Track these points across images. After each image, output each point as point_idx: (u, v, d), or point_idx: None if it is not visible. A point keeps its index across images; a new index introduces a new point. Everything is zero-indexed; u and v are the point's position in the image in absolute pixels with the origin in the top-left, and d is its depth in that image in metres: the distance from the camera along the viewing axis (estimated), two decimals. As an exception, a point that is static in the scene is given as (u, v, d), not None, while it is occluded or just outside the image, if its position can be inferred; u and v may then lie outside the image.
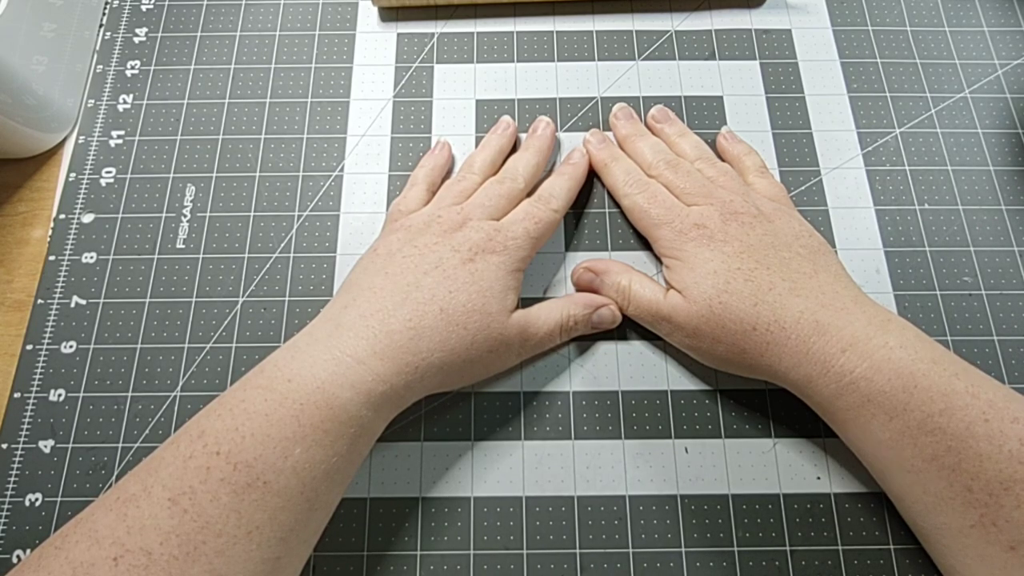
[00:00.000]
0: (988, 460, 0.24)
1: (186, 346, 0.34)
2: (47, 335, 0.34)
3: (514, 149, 0.37)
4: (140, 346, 0.34)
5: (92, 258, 0.35)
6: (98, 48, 0.40)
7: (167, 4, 0.41)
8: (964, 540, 0.25)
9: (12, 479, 0.31)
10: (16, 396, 0.33)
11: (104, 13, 0.41)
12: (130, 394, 0.33)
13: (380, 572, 0.30)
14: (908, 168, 0.37)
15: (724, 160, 0.36)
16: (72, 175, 0.37)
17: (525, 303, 0.34)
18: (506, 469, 0.31)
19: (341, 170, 0.37)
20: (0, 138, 0.35)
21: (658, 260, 0.35)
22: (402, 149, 0.38)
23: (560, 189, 0.34)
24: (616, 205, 0.36)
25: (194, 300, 0.34)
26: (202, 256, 0.35)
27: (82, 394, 0.33)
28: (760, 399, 0.33)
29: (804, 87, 0.39)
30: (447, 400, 0.33)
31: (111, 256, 0.35)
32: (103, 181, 0.37)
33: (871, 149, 0.38)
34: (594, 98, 0.39)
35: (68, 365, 0.33)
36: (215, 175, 0.37)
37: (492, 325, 0.29)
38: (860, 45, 0.40)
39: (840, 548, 0.30)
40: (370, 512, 0.31)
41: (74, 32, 0.39)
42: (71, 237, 0.36)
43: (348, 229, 0.36)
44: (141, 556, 0.21)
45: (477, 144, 0.37)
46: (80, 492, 0.31)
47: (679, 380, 0.33)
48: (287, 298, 0.35)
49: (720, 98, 0.39)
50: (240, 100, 0.39)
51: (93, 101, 0.39)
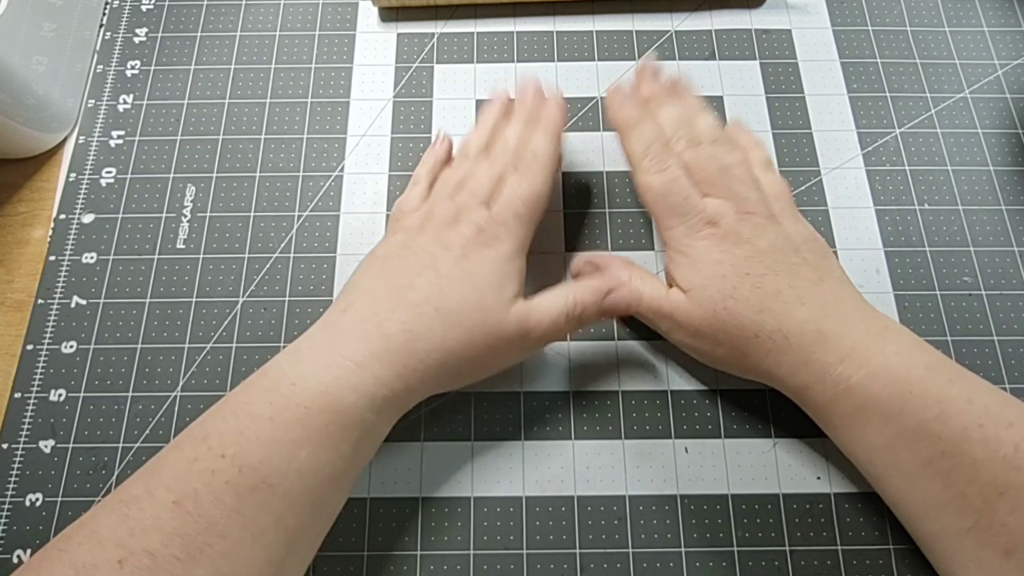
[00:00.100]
0: (983, 466, 0.24)
1: (186, 346, 0.34)
2: (47, 335, 0.34)
3: None
4: (140, 346, 0.34)
5: (92, 258, 0.35)
6: (98, 48, 0.40)
7: (167, 4, 0.41)
8: (959, 545, 0.25)
9: (12, 479, 0.31)
10: (16, 396, 0.33)
11: (104, 13, 0.41)
12: (130, 394, 0.33)
13: (380, 572, 0.30)
14: (908, 168, 0.37)
15: None
16: (72, 175, 0.37)
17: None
18: (506, 469, 0.31)
19: (341, 170, 0.37)
20: (0, 138, 0.35)
21: (659, 260, 0.35)
22: (402, 149, 0.38)
23: (541, 151, 0.31)
24: (616, 205, 0.36)
25: (194, 300, 0.34)
26: (202, 256, 0.35)
27: (82, 394, 0.33)
28: (760, 399, 0.33)
29: (804, 87, 0.39)
30: (447, 400, 0.33)
31: (111, 256, 0.35)
32: (103, 181, 0.37)
33: (871, 149, 0.38)
34: (594, 98, 0.39)
35: (68, 365, 0.33)
36: (215, 175, 0.37)
37: (488, 320, 0.28)
38: (860, 45, 0.40)
39: (840, 548, 0.30)
40: (370, 512, 0.31)
41: (74, 32, 0.39)
42: (71, 237, 0.36)
43: (348, 229, 0.36)
44: (145, 558, 0.21)
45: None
46: (80, 492, 0.31)
47: (679, 380, 0.33)
48: (287, 298, 0.35)
49: (720, 98, 0.39)
50: (240, 100, 0.39)
51: (93, 101, 0.39)
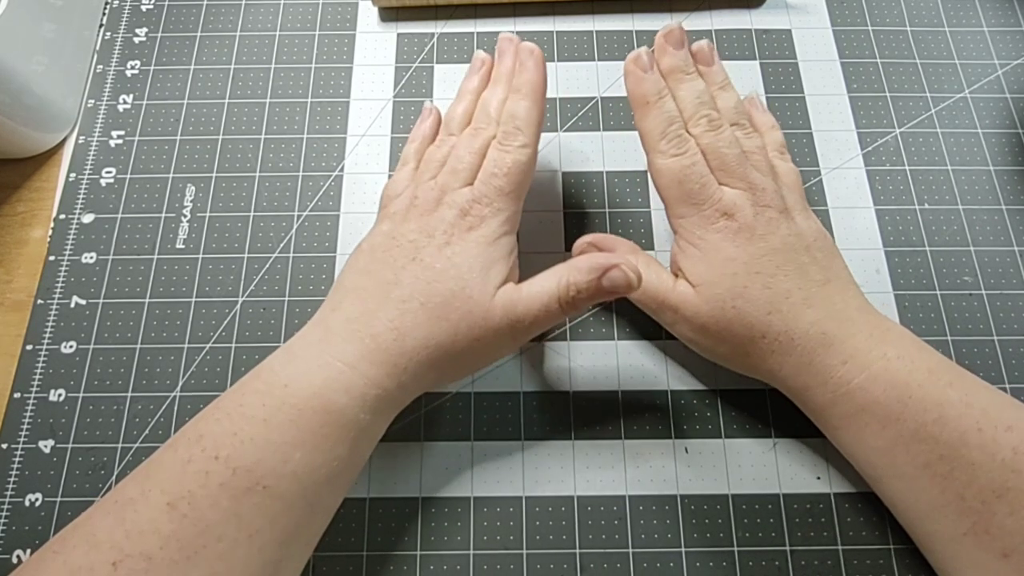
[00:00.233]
0: (981, 469, 0.24)
1: (186, 346, 0.34)
2: (47, 335, 0.34)
3: None
4: (140, 346, 0.34)
5: (92, 258, 0.35)
6: (98, 48, 0.40)
7: (167, 4, 0.41)
8: (957, 547, 0.25)
9: (12, 479, 0.31)
10: (16, 396, 0.33)
11: (104, 13, 0.41)
12: (130, 394, 0.33)
13: (380, 572, 0.30)
14: (908, 168, 0.37)
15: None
16: (72, 175, 0.37)
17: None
18: (506, 469, 0.31)
19: (341, 170, 0.37)
20: (0, 138, 0.35)
21: (659, 260, 0.35)
22: (402, 149, 0.38)
23: (522, 114, 0.30)
24: (616, 205, 0.36)
25: (194, 300, 0.34)
26: (202, 256, 0.35)
27: (82, 394, 0.33)
28: (760, 399, 0.33)
29: (804, 87, 0.39)
30: (447, 400, 0.33)
31: (111, 256, 0.35)
32: (103, 181, 0.37)
33: (871, 149, 0.38)
34: (594, 98, 0.39)
35: (68, 365, 0.33)
36: (215, 175, 0.37)
37: (474, 311, 0.27)
38: (860, 45, 0.40)
39: (840, 548, 0.30)
40: (370, 512, 0.31)
41: (74, 32, 0.39)
42: (71, 237, 0.36)
43: (348, 229, 0.36)
44: (141, 561, 0.21)
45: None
46: (80, 492, 0.31)
47: (679, 380, 0.33)
48: (287, 298, 0.35)
49: (720, 98, 0.39)
50: (240, 100, 0.39)
51: (93, 101, 0.39)
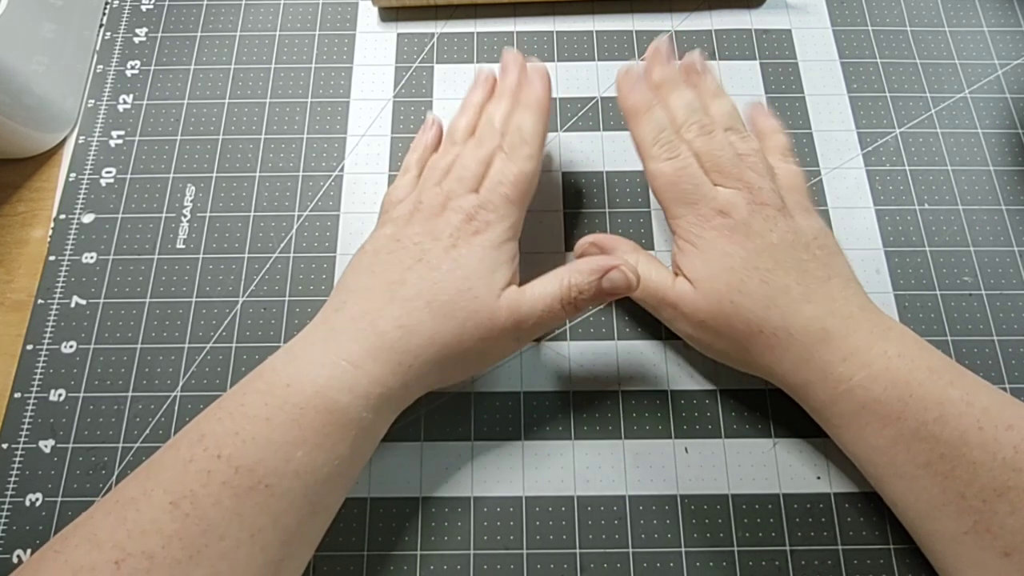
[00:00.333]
0: (982, 467, 0.24)
1: (186, 346, 0.34)
2: (47, 335, 0.34)
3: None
4: (140, 346, 0.34)
5: (92, 258, 0.35)
6: (98, 48, 0.40)
7: (167, 4, 0.41)
8: (958, 546, 0.25)
9: (12, 479, 0.31)
10: (16, 396, 0.33)
11: (104, 13, 0.41)
12: (130, 394, 0.33)
13: (380, 572, 0.30)
14: (908, 168, 0.37)
15: (753, 132, 0.33)
16: (72, 175, 0.37)
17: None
18: (506, 469, 0.31)
19: (341, 170, 0.37)
20: (0, 138, 0.35)
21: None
22: (402, 149, 0.38)
23: (527, 127, 0.31)
24: (616, 205, 0.36)
25: (194, 300, 0.34)
26: (202, 256, 0.35)
27: (82, 394, 0.33)
28: (760, 399, 0.33)
29: (804, 87, 0.39)
30: (447, 400, 0.33)
31: (111, 256, 0.35)
32: (103, 181, 0.37)
33: (871, 149, 0.38)
34: (594, 98, 0.39)
35: (68, 365, 0.33)
36: (215, 175, 0.37)
37: (480, 311, 0.27)
38: (860, 45, 0.40)
39: (840, 548, 0.30)
40: (370, 512, 0.31)
41: (74, 32, 0.39)
42: (71, 237, 0.36)
43: (348, 229, 0.36)
44: (143, 560, 0.21)
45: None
46: (80, 492, 0.31)
47: (679, 380, 0.33)
48: (287, 298, 0.35)
49: (720, 98, 0.39)
50: (240, 100, 0.39)
51: (93, 101, 0.39)
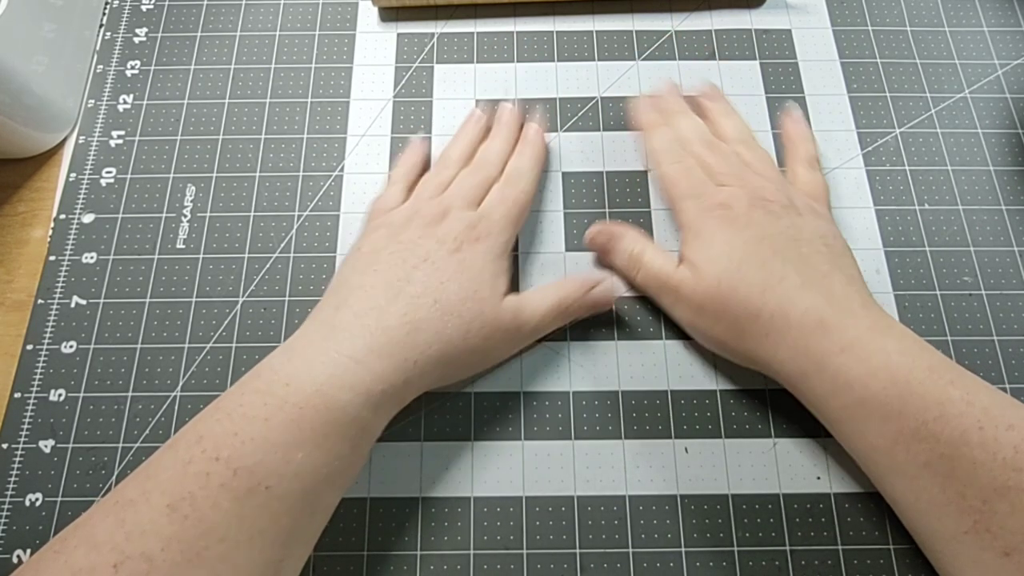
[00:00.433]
0: (982, 467, 0.24)
1: (186, 346, 0.34)
2: (47, 335, 0.34)
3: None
4: (140, 346, 0.34)
5: (92, 258, 0.35)
6: (98, 48, 0.40)
7: (167, 4, 0.41)
8: (958, 546, 0.25)
9: (12, 479, 0.31)
10: (16, 396, 0.32)
11: (104, 13, 0.41)
12: (130, 394, 0.33)
13: (380, 572, 0.30)
14: (908, 168, 0.37)
15: (782, 138, 0.36)
16: (72, 175, 0.37)
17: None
18: (506, 469, 0.31)
19: (341, 170, 0.37)
20: (0, 138, 0.35)
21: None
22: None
23: (526, 168, 0.34)
24: (616, 205, 0.36)
25: (194, 300, 0.34)
26: (202, 256, 0.35)
27: (82, 394, 0.33)
28: (760, 399, 0.33)
29: (804, 87, 0.39)
30: (447, 400, 0.33)
31: (111, 256, 0.35)
32: (103, 181, 0.37)
33: (871, 149, 0.38)
34: (594, 98, 0.39)
35: (68, 365, 0.33)
36: (215, 175, 0.37)
37: (486, 311, 0.29)
38: (860, 45, 0.40)
39: (840, 548, 0.30)
40: (370, 512, 0.31)
41: (74, 32, 0.39)
42: (71, 237, 0.36)
43: (348, 229, 0.36)
44: (142, 562, 0.21)
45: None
46: (80, 492, 0.31)
47: (679, 380, 0.33)
48: (287, 298, 0.35)
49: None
50: (240, 100, 0.39)
51: (93, 101, 0.39)
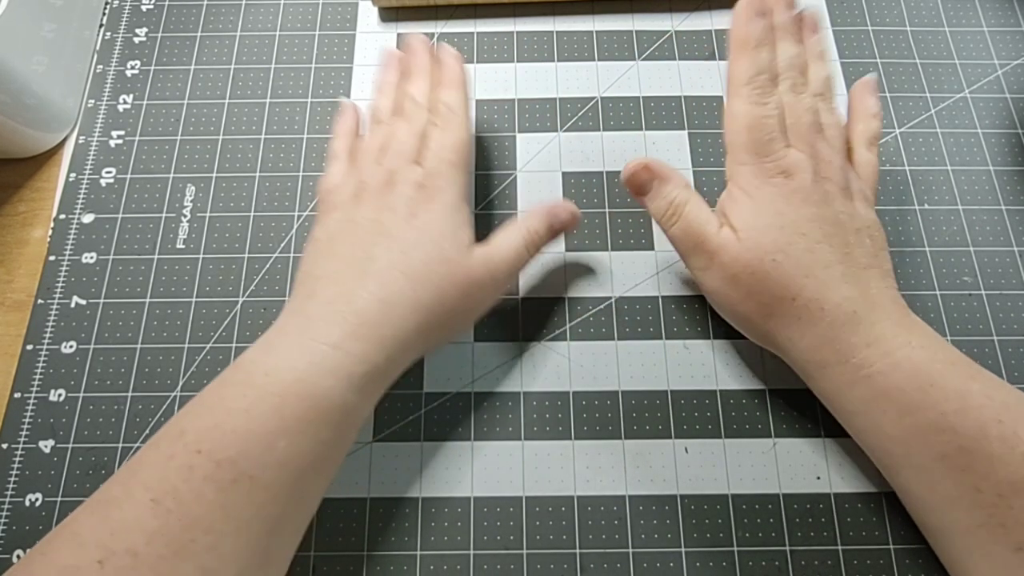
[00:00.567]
0: (1000, 461, 0.24)
1: (186, 346, 0.34)
2: (47, 335, 0.34)
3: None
4: (140, 346, 0.34)
5: (92, 258, 0.35)
6: (98, 48, 0.40)
7: (167, 4, 0.41)
8: (970, 540, 0.25)
9: (12, 479, 0.31)
10: (16, 396, 0.32)
11: (104, 13, 0.41)
12: (130, 394, 0.33)
13: (380, 572, 0.30)
14: (908, 168, 0.37)
15: (848, 105, 0.33)
16: (72, 175, 0.37)
17: (525, 301, 0.34)
18: (506, 469, 0.31)
19: (341, 170, 0.37)
20: (0, 138, 0.35)
21: (658, 261, 0.35)
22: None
23: (454, 102, 0.32)
24: (616, 205, 0.36)
25: (194, 300, 0.34)
26: (202, 256, 0.35)
27: (82, 394, 0.33)
28: (760, 399, 0.33)
29: (804, 87, 0.39)
30: (447, 400, 0.33)
31: (111, 256, 0.35)
32: (103, 181, 0.37)
33: (871, 149, 0.38)
34: (594, 98, 0.39)
35: (68, 365, 0.33)
36: (215, 175, 0.37)
37: (456, 271, 0.28)
38: (860, 45, 0.40)
39: (840, 548, 0.30)
40: (370, 512, 0.31)
41: (74, 32, 0.39)
42: (71, 237, 0.36)
43: (348, 229, 0.36)
44: (127, 557, 0.21)
45: (475, 142, 0.38)
46: (80, 492, 0.31)
47: (679, 380, 0.33)
48: (287, 298, 0.34)
49: (720, 98, 0.39)
50: (240, 100, 0.39)
51: (93, 101, 0.39)
